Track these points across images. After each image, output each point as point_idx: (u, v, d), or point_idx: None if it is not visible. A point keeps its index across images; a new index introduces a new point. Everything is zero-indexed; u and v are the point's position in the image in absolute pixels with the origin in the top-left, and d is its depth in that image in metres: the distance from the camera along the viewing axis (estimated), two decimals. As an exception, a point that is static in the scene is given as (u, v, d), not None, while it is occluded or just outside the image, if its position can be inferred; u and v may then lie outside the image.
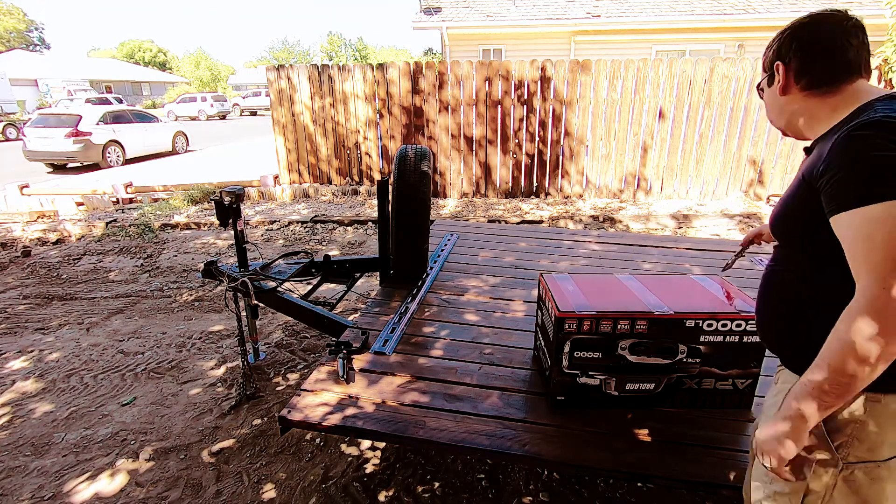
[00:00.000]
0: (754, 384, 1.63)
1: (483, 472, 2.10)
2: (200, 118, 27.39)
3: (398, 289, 2.59)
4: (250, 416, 2.50)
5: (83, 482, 2.11)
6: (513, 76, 6.49)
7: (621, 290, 1.74)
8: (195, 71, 48.80)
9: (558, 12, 10.06)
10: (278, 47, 52.80)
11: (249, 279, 2.49)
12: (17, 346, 3.27)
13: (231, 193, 2.47)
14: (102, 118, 11.26)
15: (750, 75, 6.18)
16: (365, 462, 2.17)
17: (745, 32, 9.68)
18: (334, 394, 1.72)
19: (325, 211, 6.42)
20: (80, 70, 37.85)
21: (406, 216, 2.53)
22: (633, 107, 6.44)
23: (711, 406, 1.65)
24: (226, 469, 2.16)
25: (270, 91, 7.14)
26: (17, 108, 26.77)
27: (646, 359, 1.59)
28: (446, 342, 2.07)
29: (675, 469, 1.41)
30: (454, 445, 1.51)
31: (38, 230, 5.78)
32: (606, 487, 2.01)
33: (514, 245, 3.42)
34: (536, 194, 6.99)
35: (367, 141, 7.12)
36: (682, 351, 1.58)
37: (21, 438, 2.39)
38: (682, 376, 1.61)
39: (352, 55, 55.90)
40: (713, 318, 1.55)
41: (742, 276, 2.84)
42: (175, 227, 6.04)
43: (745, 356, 1.59)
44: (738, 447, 1.48)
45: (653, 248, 3.37)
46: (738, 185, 6.62)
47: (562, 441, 1.52)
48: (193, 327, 3.50)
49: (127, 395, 2.73)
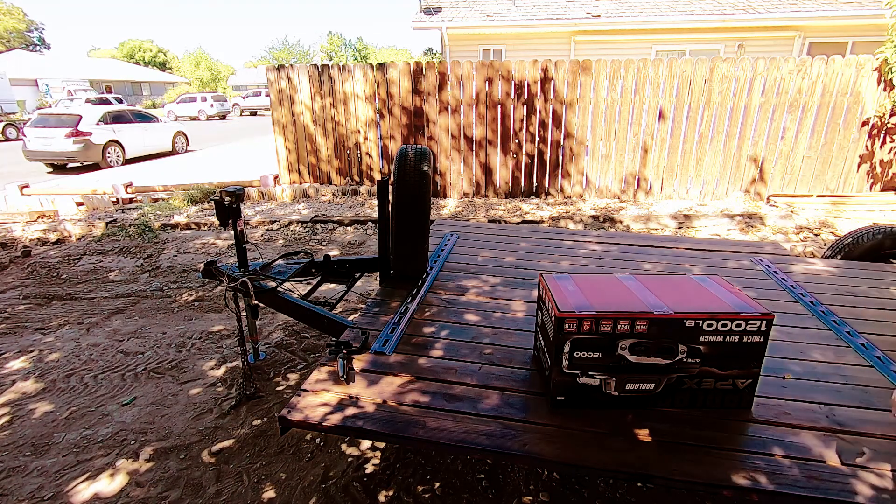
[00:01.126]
0: (754, 384, 1.63)
1: (483, 472, 2.10)
2: (200, 118, 27.39)
3: (398, 289, 2.59)
4: (250, 416, 2.50)
5: (83, 482, 2.11)
6: (513, 76, 6.49)
7: (621, 290, 1.74)
8: (195, 71, 48.78)
9: (558, 12, 10.07)
10: (278, 47, 52.74)
11: (249, 279, 2.49)
12: (17, 346, 3.27)
13: (231, 193, 2.47)
14: (102, 118, 11.26)
15: (750, 75, 6.19)
16: (365, 462, 2.17)
17: (745, 32, 9.68)
18: (334, 394, 1.72)
19: (326, 211, 6.42)
20: (80, 70, 37.86)
21: (406, 216, 2.52)
22: (634, 107, 6.44)
23: (711, 406, 1.65)
24: (226, 469, 2.16)
25: (271, 91, 7.14)
26: (17, 108, 26.78)
27: (646, 359, 1.59)
28: (446, 342, 2.07)
29: (675, 469, 1.41)
30: (454, 445, 1.51)
31: (38, 230, 5.78)
32: (606, 487, 2.01)
33: (515, 245, 3.42)
34: (537, 194, 6.99)
35: (368, 141, 7.12)
36: (682, 351, 1.58)
37: (21, 438, 2.39)
38: (682, 376, 1.61)
39: (352, 55, 55.88)
40: (713, 318, 1.55)
41: (742, 277, 2.84)
42: (175, 227, 6.04)
43: (746, 356, 1.59)
44: (738, 447, 1.48)
45: (653, 249, 3.37)
46: (739, 185, 6.62)
47: (562, 441, 1.52)
48: (193, 327, 3.50)
49: (127, 395, 2.73)
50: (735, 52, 9.78)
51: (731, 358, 1.59)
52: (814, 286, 2.64)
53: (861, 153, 6.40)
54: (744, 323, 1.55)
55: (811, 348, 2.01)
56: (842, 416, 1.59)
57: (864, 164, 6.43)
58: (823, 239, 5.25)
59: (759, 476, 1.36)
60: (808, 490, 1.31)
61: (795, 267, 2.97)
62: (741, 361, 1.59)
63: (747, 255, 3.22)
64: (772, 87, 6.22)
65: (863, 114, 6.24)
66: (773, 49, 9.61)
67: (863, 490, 1.31)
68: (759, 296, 2.52)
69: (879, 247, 3.11)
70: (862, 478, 1.35)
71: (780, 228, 5.60)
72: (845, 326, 2.17)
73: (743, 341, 1.57)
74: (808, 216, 5.88)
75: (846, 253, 3.21)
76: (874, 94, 6.16)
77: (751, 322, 1.54)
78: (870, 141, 6.34)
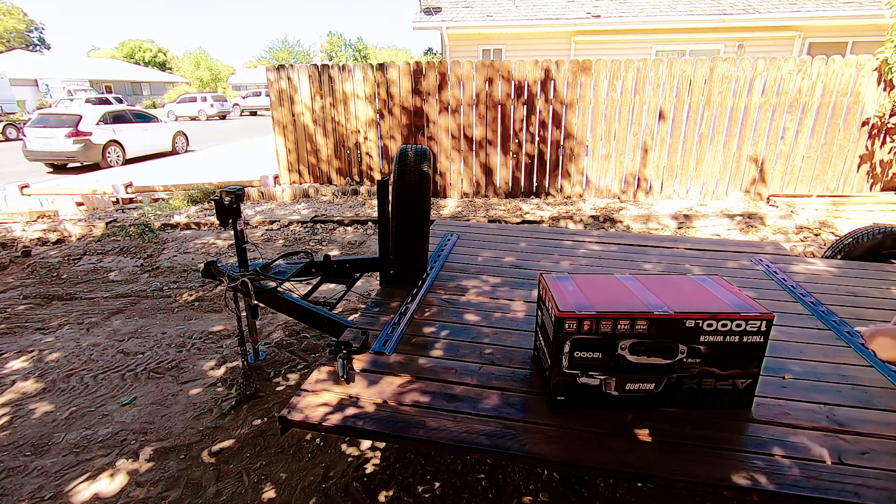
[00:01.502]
0: (754, 384, 1.63)
1: (483, 472, 2.10)
2: (200, 118, 27.39)
3: (398, 289, 2.59)
4: (250, 416, 2.50)
5: (83, 482, 2.11)
6: (513, 76, 6.49)
7: (622, 290, 1.74)
8: (195, 71, 48.77)
9: (558, 12, 10.07)
10: (278, 47, 52.71)
11: (249, 279, 2.49)
12: (17, 346, 3.27)
13: (231, 193, 2.47)
14: (102, 118, 11.26)
15: (750, 75, 6.19)
16: (365, 462, 2.17)
17: (745, 32, 9.68)
18: (334, 394, 1.72)
19: (326, 211, 6.42)
20: (80, 70, 37.85)
21: (406, 216, 2.52)
22: (633, 107, 6.44)
23: (711, 406, 1.65)
24: (226, 469, 2.16)
25: (271, 91, 7.14)
26: (17, 108, 26.78)
27: (646, 359, 1.59)
28: (446, 342, 2.07)
29: (675, 469, 1.41)
30: (454, 445, 1.51)
31: (38, 230, 5.78)
32: (606, 487, 2.01)
33: (515, 245, 3.42)
34: (537, 194, 6.99)
35: (368, 141, 7.12)
36: (682, 351, 1.58)
37: (21, 438, 2.39)
38: (682, 376, 1.61)
39: (352, 55, 55.86)
40: (713, 318, 1.55)
41: (742, 277, 2.84)
42: (175, 227, 6.04)
43: (745, 356, 1.59)
44: (739, 447, 1.48)
45: (653, 248, 3.37)
46: (739, 185, 6.62)
47: (562, 441, 1.52)
48: (193, 327, 3.50)
49: (127, 395, 2.73)
50: (735, 52, 9.78)
51: (731, 358, 1.59)
52: (814, 286, 2.64)
53: (861, 153, 6.40)
54: (744, 323, 1.55)
55: (811, 348, 2.01)
56: (842, 416, 1.59)
57: (864, 164, 6.44)
58: (823, 239, 5.25)
59: (759, 476, 1.36)
60: (808, 490, 1.31)
61: (795, 267, 2.97)
62: (741, 361, 1.59)
63: (747, 255, 3.22)
64: (772, 87, 6.22)
65: (863, 114, 6.24)
66: (773, 49, 9.61)
67: (863, 490, 1.31)
68: (760, 296, 2.52)
69: (879, 247, 3.11)
70: (862, 478, 1.35)
71: (780, 228, 5.61)
72: (845, 326, 2.17)
73: (743, 341, 1.57)
74: (808, 216, 5.88)
75: (846, 253, 3.21)
76: (874, 94, 6.16)
77: (751, 322, 1.54)
78: (870, 141, 6.34)
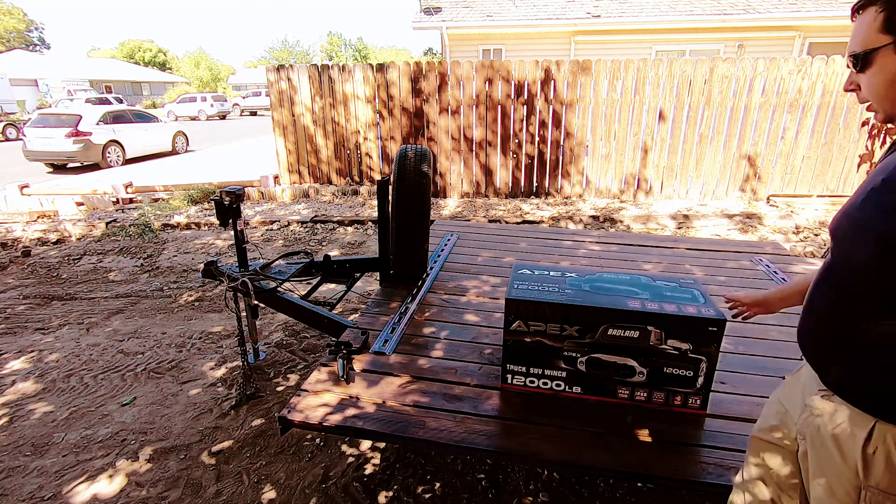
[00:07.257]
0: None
1: (483, 472, 2.10)
2: (200, 118, 27.38)
3: (398, 289, 2.59)
4: (250, 417, 2.50)
5: (83, 482, 2.11)
6: (513, 77, 6.49)
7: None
8: (195, 71, 48.79)
9: (558, 12, 10.07)
10: (278, 47, 52.73)
11: (249, 279, 2.49)
12: (17, 346, 3.27)
13: (231, 193, 2.47)
14: (102, 118, 11.25)
15: (750, 75, 6.19)
16: (365, 462, 2.17)
17: (745, 32, 9.68)
18: (334, 394, 1.72)
19: (326, 211, 6.42)
20: (80, 70, 37.85)
21: (406, 216, 2.52)
22: (633, 107, 6.44)
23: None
24: (226, 469, 2.16)
25: (271, 92, 7.14)
26: (17, 108, 26.76)
27: None
28: (446, 342, 2.07)
29: (675, 469, 1.41)
30: (454, 445, 1.51)
31: (38, 230, 5.78)
32: (606, 487, 2.01)
33: (515, 245, 3.42)
34: (537, 195, 6.98)
35: (368, 142, 7.12)
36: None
37: (21, 438, 2.39)
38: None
39: (352, 55, 55.88)
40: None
41: (742, 276, 2.84)
42: (175, 227, 6.04)
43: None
44: (739, 447, 1.48)
45: (653, 248, 3.37)
46: (739, 185, 6.62)
47: (562, 441, 1.52)
48: (193, 327, 3.50)
49: (127, 395, 2.73)
50: (735, 52, 9.78)
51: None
52: (814, 286, 2.64)
53: (861, 153, 6.40)
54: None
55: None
56: (842, 417, 1.59)
57: (864, 164, 6.43)
58: (823, 239, 5.25)
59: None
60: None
61: (795, 267, 2.96)
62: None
63: (747, 255, 3.22)
64: (772, 87, 6.22)
65: (863, 114, 6.23)
66: (773, 49, 9.61)
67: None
68: (759, 296, 2.52)
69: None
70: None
71: (780, 228, 5.61)
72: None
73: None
74: (807, 216, 5.88)
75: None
76: (874, 94, 6.15)
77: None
78: (870, 141, 6.34)
